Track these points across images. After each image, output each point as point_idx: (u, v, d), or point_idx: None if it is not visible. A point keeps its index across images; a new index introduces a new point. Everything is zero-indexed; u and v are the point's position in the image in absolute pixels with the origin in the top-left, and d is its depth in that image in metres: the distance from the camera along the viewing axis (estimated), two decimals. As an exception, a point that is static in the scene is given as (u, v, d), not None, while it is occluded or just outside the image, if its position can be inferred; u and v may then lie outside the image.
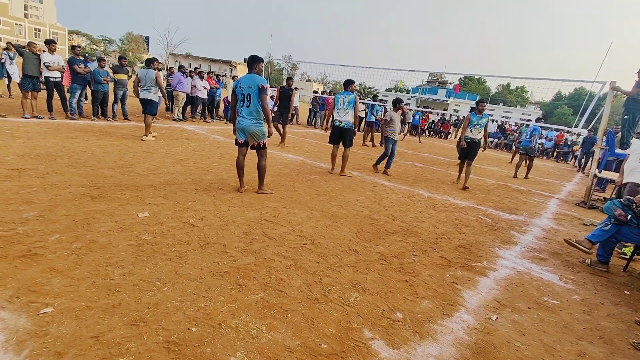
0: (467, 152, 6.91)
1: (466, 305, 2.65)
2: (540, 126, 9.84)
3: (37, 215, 3.07)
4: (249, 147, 4.51)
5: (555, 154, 19.23)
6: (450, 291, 2.83)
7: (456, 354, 2.08)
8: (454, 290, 2.86)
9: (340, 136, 6.42)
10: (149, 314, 2.02)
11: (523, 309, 2.72)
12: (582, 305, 2.93)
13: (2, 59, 10.58)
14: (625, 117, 7.09)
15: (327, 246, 3.33)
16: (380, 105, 13.39)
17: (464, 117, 25.63)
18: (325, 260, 3.04)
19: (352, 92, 6.33)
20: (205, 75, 11.99)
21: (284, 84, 9.23)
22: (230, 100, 8.98)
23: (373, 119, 12.64)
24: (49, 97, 8.29)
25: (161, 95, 7.77)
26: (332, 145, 6.64)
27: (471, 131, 6.85)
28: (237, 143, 4.51)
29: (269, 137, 4.50)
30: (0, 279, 2.14)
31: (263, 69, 4.47)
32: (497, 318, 2.53)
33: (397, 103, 7.31)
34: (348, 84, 6.43)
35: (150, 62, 7.67)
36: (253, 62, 4.32)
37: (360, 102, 17.51)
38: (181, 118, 11.35)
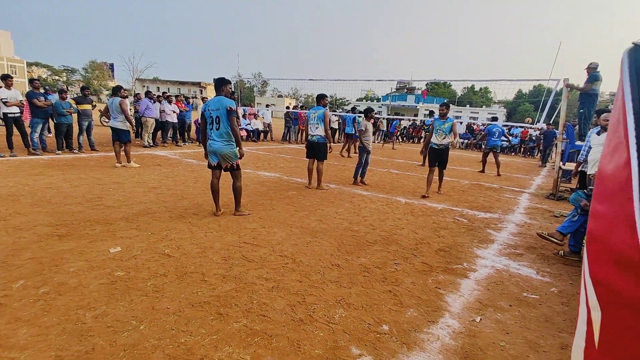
0: (437, 159, 6.69)
1: (450, 310, 2.67)
2: (504, 124, 10.45)
3: (-2, 261, 2.90)
4: (222, 170, 4.46)
5: (522, 149, 20.03)
6: (433, 297, 2.85)
7: (444, 361, 2.09)
8: (437, 295, 2.88)
9: (313, 150, 6.45)
10: (126, 357, 1.92)
11: (505, 307, 2.77)
12: (560, 297, 3.02)
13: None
14: (581, 110, 7.51)
15: (309, 263, 3.30)
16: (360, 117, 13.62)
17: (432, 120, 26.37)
18: (307, 278, 3.00)
19: (323, 107, 6.40)
20: (174, 99, 11.85)
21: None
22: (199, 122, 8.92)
23: (352, 130, 12.60)
24: (9, 134, 7.94)
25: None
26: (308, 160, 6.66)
27: (436, 137, 6.62)
28: (209, 166, 4.46)
29: (240, 158, 4.46)
30: (-42, 336, 1.99)
31: (231, 90, 4.46)
32: (480, 319, 2.57)
33: (368, 112, 7.37)
34: (320, 98, 6.54)
35: (116, 91, 7.60)
36: (220, 84, 4.33)
37: (331, 114, 17.72)
38: (151, 144, 11.10)
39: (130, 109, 7.46)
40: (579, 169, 5.73)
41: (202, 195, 5.51)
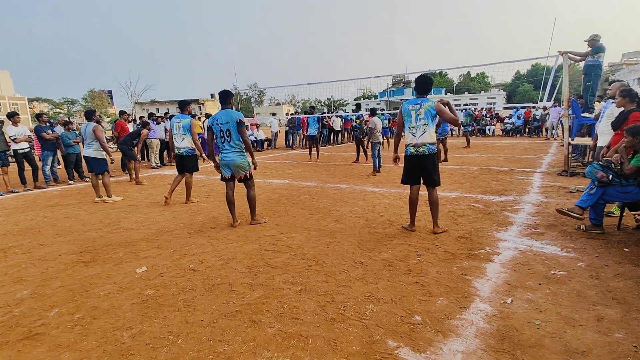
0: (419, 172, 3.93)
1: (480, 294, 2.66)
2: (505, 106, 10.39)
3: (31, 292, 2.96)
4: (235, 181, 4.51)
5: (527, 130, 19.87)
6: (461, 283, 2.84)
7: (482, 344, 2.09)
8: (465, 281, 2.88)
9: (182, 163, 6.02)
10: (169, 371, 1.95)
11: (534, 286, 2.75)
12: (588, 270, 2.99)
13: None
14: (588, 83, 7.44)
15: (332, 264, 3.32)
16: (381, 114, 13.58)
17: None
18: (333, 278, 3.02)
19: (189, 115, 6.09)
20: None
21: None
22: (205, 137, 8.82)
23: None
24: (20, 170, 8.11)
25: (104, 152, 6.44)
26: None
27: (413, 134, 3.84)
28: (223, 179, 4.51)
29: (255, 168, 4.53)
30: (5, 367, 2.04)
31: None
32: (512, 301, 2.56)
33: (374, 111, 8.66)
34: (183, 105, 6.03)
35: (89, 115, 6.56)
36: (226, 97, 4.38)
37: (332, 115, 17.75)
38: (159, 164, 11.23)
39: (102, 136, 6.34)
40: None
41: (216, 208, 5.57)
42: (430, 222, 4.17)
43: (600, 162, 3.90)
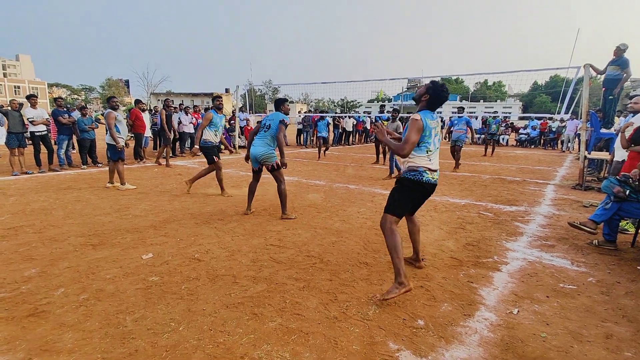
0: (420, 202, 3.03)
1: (485, 303, 2.62)
2: (520, 116, 10.24)
3: (39, 271, 3.00)
4: (261, 174, 4.84)
5: (542, 141, 19.54)
6: (467, 291, 2.80)
7: (485, 353, 2.05)
8: (471, 289, 2.83)
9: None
10: (168, 357, 1.96)
11: (542, 299, 2.70)
12: (598, 286, 2.92)
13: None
14: (610, 97, 7.28)
15: (337, 262, 3.30)
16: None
17: (449, 118, 25.99)
18: (337, 277, 3.00)
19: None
20: (191, 110, 12.09)
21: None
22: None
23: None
24: (36, 152, 8.27)
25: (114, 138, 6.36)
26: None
27: (429, 158, 2.82)
28: (253, 170, 4.83)
29: (284, 167, 4.70)
30: (9, 342, 2.07)
31: (289, 108, 4.88)
32: (518, 311, 2.51)
33: (396, 114, 8.68)
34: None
35: (107, 101, 6.87)
36: (279, 103, 4.83)
37: (345, 115, 17.71)
38: (171, 155, 11.32)
39: (112, 123, 6.27)
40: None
41: (224, 201, 5.59)
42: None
43: (617, 177, 3.81)
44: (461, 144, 9.43)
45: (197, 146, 5.95)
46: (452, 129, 9.79)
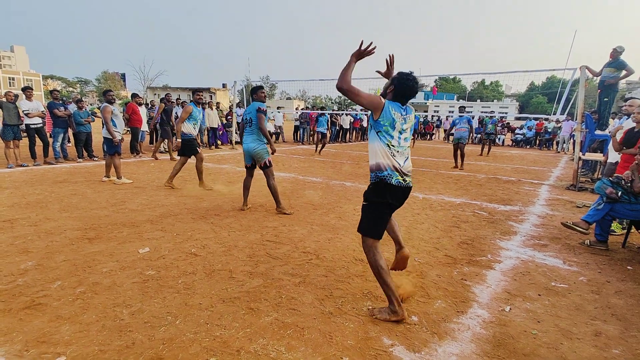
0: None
1: (478, 300, 2.66)
2: (517, 117, 10.33)
3: (35, 264, 3.00)
4: (254, 170, 4.86)
5: (537, 142, 19.68)
6: (460, 288, 2.84)
7: (477, 349, 2.09)
8: (464, 286, 2.88)
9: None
10: (165, 350, 1.98)
11: (534, 297, 2.74)
12: (589, 285, 2.97)
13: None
14: (605, 99, 7.34)
15: (333, 259, 3.33)
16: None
17: (447, 118, 26.03)
18: (332, 273, 3.03)
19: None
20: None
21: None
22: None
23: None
24: (32, 144, 8.21)
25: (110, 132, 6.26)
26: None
27: (392, 154, 2.34)
28: (246, 167, 4.85)
29: (273, 153, 4.77)
30: (6, 333, 2.08)
31: (265, 95, 4.80)
32: (510, 309, 2.55)
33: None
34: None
35: (103, 94, 6.73)
36: (252, 92, 4.77)
37: (343, 113, 17.73)
38: (167, 149, 11.28)
39: (108, 117, 6.20)
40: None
41: (221, 197, 5.60)
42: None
43: (610, 178, 3.87)
44: (464, 141, 9.46)
45: (179, 140, 5.93)
46: (453, 129, 9.85)
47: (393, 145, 2.34)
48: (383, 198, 2.35)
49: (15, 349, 1.95)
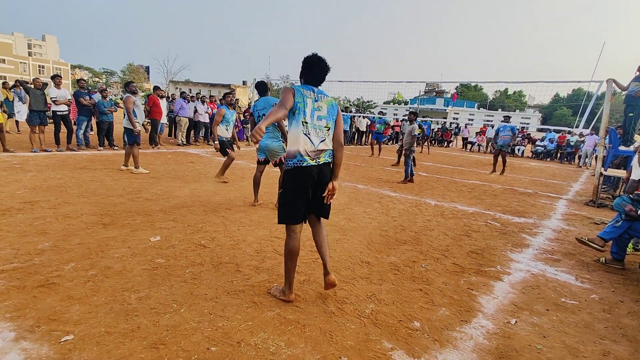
0: (310, 195, 2.52)
1: (484, 311, 2.62)
2: (539, 128, 10.32)
3: (52, 245, 3.12)
4: (265, 166, 4.84)
5: (559, 155, 19.18)
6: (466, 297, 2.81)
7: (478, 360, 2.06)
8: (470, 296, 2.84)
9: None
10: (168, 336, 2.03)
11: (542, 311, 2.69)
12: (601, 304, 2.89)
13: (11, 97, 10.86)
14: (630, 114, 7.12)
15: (339, 259, 3.33)
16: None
17: (465, 125, 25.60)
18: (338, 273, 3.04)
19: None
20: (207, 100, 12.24)
21: None
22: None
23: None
24: (57, 131, 8.48)
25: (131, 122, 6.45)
26: None
27: (306, 133, 2.41)
28: (257, 161, 4.83)
29: None
30: (20, 309, 2.17)
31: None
32: (516, 322, 2.51)
33: (416, 115, 8.62)
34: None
35: (125, 86, 6.83)
36: (265, 87, 4.77)
37: (358, 115, 17.68)
38: (185, 142, 11.51)
39: (130, 107, 6.40)
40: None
41: (233, 191, 5.67)
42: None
43: (630, 195, 3.74)
44: (507, 149, 10.05)
45: (216, 142, 6.00)
46: (497, 136, 10.44)
47: (307, 122, 2.37)
48: (294, 184, 2.41)
49: (27, 324, 2.03)
